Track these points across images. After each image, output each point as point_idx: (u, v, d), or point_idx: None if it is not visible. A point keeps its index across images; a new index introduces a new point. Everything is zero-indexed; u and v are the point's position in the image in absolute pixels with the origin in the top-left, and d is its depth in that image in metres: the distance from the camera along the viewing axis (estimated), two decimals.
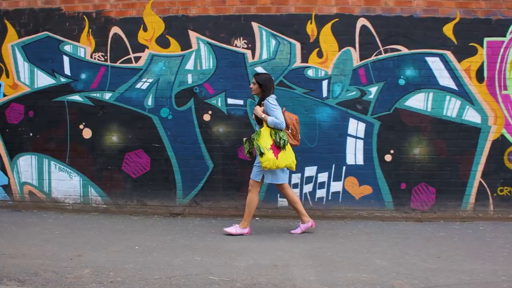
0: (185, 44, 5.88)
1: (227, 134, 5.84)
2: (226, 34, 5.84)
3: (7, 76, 6.25)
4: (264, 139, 4.87)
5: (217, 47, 5.84)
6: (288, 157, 4.92)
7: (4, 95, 6.27)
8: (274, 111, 4.87)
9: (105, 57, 6.01)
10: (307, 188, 5.81)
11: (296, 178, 5.80)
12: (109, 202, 6.07)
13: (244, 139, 5.08)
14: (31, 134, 6.21)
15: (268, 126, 4.90)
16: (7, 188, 6.31)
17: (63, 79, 6.09)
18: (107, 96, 6.00)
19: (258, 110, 4.96)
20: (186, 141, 5.90)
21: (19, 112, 6.24)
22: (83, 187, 6.10)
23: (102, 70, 6.01)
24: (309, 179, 5.81)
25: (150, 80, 5.94)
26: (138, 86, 5.95)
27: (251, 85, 5.06)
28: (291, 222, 5.63)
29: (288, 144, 4.95)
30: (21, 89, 6.21)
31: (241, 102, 5.82)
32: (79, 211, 6.10)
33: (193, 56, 5.87)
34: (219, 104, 5.84)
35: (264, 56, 5.79)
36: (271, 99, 4.94)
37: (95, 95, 6.03)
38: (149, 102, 5.94)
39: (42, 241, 4.80)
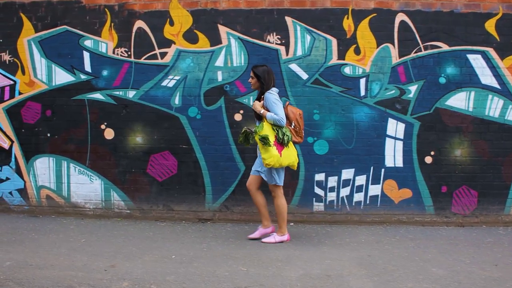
0: (215, 39, 5.61)
1: None
2: (258, 29, 5.58)
3: (23, 73, 5.93)
4: (267, 133, 4.58)
5: (248, 42, 5.58)
6: (291, 155, 4.66)
7: (20, 93, 5.94)
8: (274, 106, 4.58)
9: (129, 53, 5.72)
10: (344, 191, 5.56)
11: (333, 181, 5.55)
12: (133, 207, 5.77)
13: (244, 128, 4.77)
14: (48, 135, 5.89)
15: (267, 123, 4.62)
16: (22, 192, 5.98)
17: (83, 76, 5.78)
18: (131, 94, 5.71)
19: (257, 105, 4.67)
20: (216, 142, 5.63)
21: (36, 111, 5.91)
22: (104, 191, 5.80)
23: (125, 67, 5.71)
24: (346, 182, 5.57)
25: (177, 77, 5.66)
26: (164, 83, 5.67)
27: (250, 79, 4.77)
28: (328, 227, 5.39)
29: (291, 141, 4.66)
30: (38, 87, 5.90)
31: None
32: (100, 216, 5.80)
33: (223, 52, 5.60)
34: (251, 103, 5.58)
35: (299, 52, 5.54)
36: (272, 93, 4.64)
37: (118, 93, 5.73)
38: (176, 100, 5.65)
39: (68, 250, 4.50)
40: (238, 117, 5.60)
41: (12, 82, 5.96)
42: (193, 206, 5.67)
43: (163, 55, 5.67)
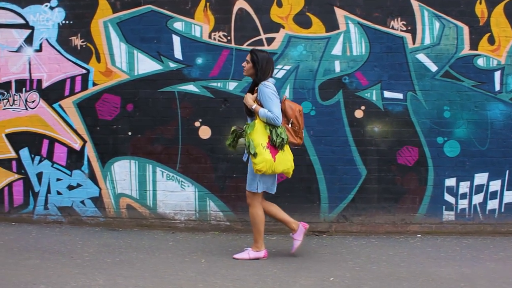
0: (331, 24, 5.02)
1: (383, 134, 5.02)
2: (381, 14, 5.02)
3: (98, 60, 5.17)
4: (259, 134, 4.01)
5: (370, 28, 5.01)
6: (286, 160, 4.10)
7: (94, 84, 5.20)
8: (269, 101, 4.00)
9: (228, 38, 5.05)
10: (477, 198, 5.07)
11: (464, 187, 5.05)
12: (234, 219, 5.10)
13: (233, 127, 4.22)
14: (130, 134, 5.16)
15: (260, 120, 4.06)
16: (97, 201, 5.24)
17: (172, 65, 5.09)
18: (231, 86, 5.06)
19: (248, 98, 4.10)
20: (333, 143, 5.04)
21: (114, 105, 5.17)
22: (199, 200, 5.10)
23: (224, 54, 5.05)
24: (479, 188, 5.08)
25: (287, 67, 5.03)
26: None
27: (244, 63, 4.19)
28: (466, 239, 4.86)
29: (287, 144, 4.12)
30: (117, 77, 5.16)
31: (400, 95, 5.02)
32: (193, 229, 5.10)
33: (341, 39, 5.01)
34: (374, 98, 5.01)
35: (427, 41, 5.01)
36: (267, 86, 4.06)
37: (215, 84, 5.07)
38: (287, 94, 5.01)
39: (197, 273, 3.81)
40: (359, 113, 5.02)
41: (84, 71, 5.20)
42: (306, 217, 5.04)
43: (270, 41, 5.03)
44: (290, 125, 4.12)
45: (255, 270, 3.94)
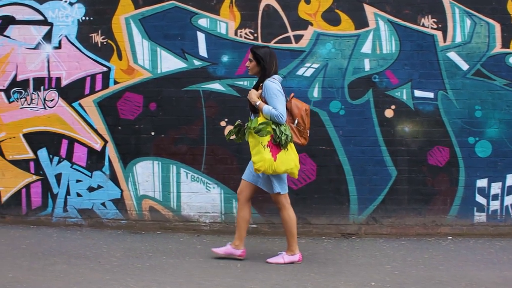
0: (360, 21, 4.93)
1: (413, 134, 4.93)
2: (411, 11, 4.94)
3: (120, 57, 5.04)
4: (262, 126, 3.91)
5: (400, 26, 4.92)
6: (289, 159, 3.96)
7: (116, 82, 5.08)
8: (274, 98, 3.89)
9: (255, 35, 4.95)
10: (509, 199, 4.99)
11: (496, 188, 4.98)
12: (261, 221, 4.99)
13: (237, 122, 4.10)
14: (153, 133, 5.04)
15: (264, 117, 3.96)
16: (118, 203, 5.11)
17: (197, 62, 4.97)
18: None
19: (252, 94, 4.00)
20: (363, 143, 4.95)
21: (137, 104, 5.04)
22: (225, 202, 4.99)
23: None
24: (511, 189, 5.00)
25: (316, 66, 4.93)
26: (300, 72, 4.94)
27: (247, 63, 4.09)
28: (499, 241, 4.78)
29: (292, 143, 4.01)
30: (139, 75, 5.04)
31: (430, 95, 4.93)
32: (219, 232, 4.99)
33: (370, 37, 4.92)
34: (404, 97, 4.92)
35: (458, 39, 4.93)
36: (273, 82, 3.96)
37: (241, 83, 4.96)
38: (315, 93, 4.93)
39: (235, 279, 3.70)
40: (389, 113, 4.93)
41: (105, 69, 5.08)
42: (335, 219, 4.95)
43: (298, 38, 4.93)
44: (295, 125, 4.01)
45: (292, 274, 3.83)
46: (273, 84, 3.93)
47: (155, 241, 4.72)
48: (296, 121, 4.01)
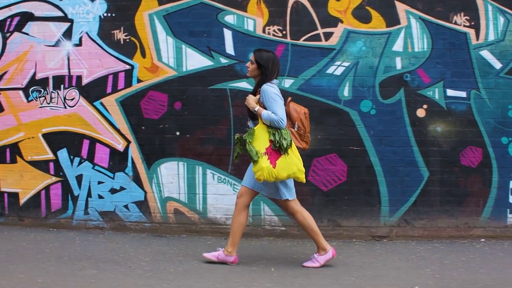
0: (391, 18, 4.84)
1: (446, 134, 4.85)
2: (443, 8, 4.85)
3: (143, 55, 4.92)
4: (259, 141, 3.82)
5: (432, 24, 4.84)
6: (291, 164, 3.83)
7: (139, 81, 4.96)
8: (273, 103, 3.79)
9: (284, 32, 4.85)
10: None
11: None
12: (290, 223, 4.88)
13: (236, 136, 3.95)
14: (178, 133, 4.93)
15: (262, 124, 3.87)
16: (142, 205, 4.99)
17: (224, 60, 4.87)
18: (287, 83, 4.86)
19: (250, 100, 3.89)
20: (394, 143, 4.85)
21: (161, 103, 4.93)
22: (252, 204, 4.75)
23: (279, 49, 4.83)
24: None
25: (346, 64, 4.84)
26: (329, 71, 4.84)
27: (247, 64, 3.98)
28: None
29: (294, 146, 3.89)
30: (164, 73, 4.93)
31: (463, 94, 4.85)
32: (246, 235, 4.81)
33: (402, 34, 4.83)
34: (436, 97, 4.84)
35: (491, 37, 4.85)
36: (271, 86, 3.85)
37: None
38: (345, 92, 4.83)
39: (273, 283, 3.58)
40: (421, 112, 4.84)
41: (128, 67, 4.96)
42: (365, 221, 4.86)
43: (327, 36, 4.83)
44: (295, 129, 3.92)
45: (333, 278, 3.73)
46: (271, 88, 3.82)
47: (182, 245, 4.61)
48: (296, 125, 3.92)
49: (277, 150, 3.79)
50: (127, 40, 4.96)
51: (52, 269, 3.87)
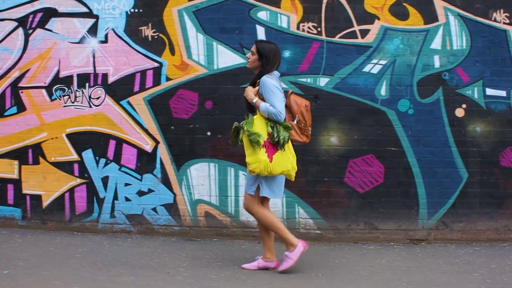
0: (429, 15, 4.73)
1: (485, 134, 4.75)
2: (482, 5, 4.75)
3: (172, 53, 4.78)
4: (258, 130, 3.69)
5: (471, 21, 4.74)
6: (287, 160, 3.74)
7: (168, 79, 4.81)
8: (272, 95, 3.69)
9: (319, 29, 4.73)
10: None
11: None
12: (325, 226, 4.76)
13: (235, 124, 3.85)
14: (209, 134, 4.80)
15: (260, 116, 3.76)
16: (171, 208, 4.85)
17: None
18: (323, 82, 4.73)
19: (249, 91, 3.81)
20: (433, 144, 4.75)
21: (191, 102, 4.79)
22: (286, 206, 4.76)
23: (314, 47, 4.72)
24: None
25: (383, 62, 4.72)
26: (366, 69, 4.73)
27: (248, 54, 3.87)
28: None
29: (289, 142, 3.80)
30: (194, 71, 4.79)
31: (503, 93, 4.74)
32: (279, 238, 4.73)
33: (440, 32, 4.72)
34: (476, 96, 4.74)
35: None
36: (271, 78, 3.75)
37: (304, 80, 4.74)
38: (382, 91, 4.72)
39: None
40: (460, 112, 4.74)
41: (156, 65, 4.82)
42: (403, 224, 4.75)
43: (364, 33, 4.72)
44: (295, 122, 3.79)
45: (383, 284, 3.62)
46: (271, 80, 3.71)
47: (216, 249, 4.46)
48: (296, 118, 3.79)
49: (274, 144, 3.67)
50: (155, 37, 4.82)
51: (88, 275, 3.72)
